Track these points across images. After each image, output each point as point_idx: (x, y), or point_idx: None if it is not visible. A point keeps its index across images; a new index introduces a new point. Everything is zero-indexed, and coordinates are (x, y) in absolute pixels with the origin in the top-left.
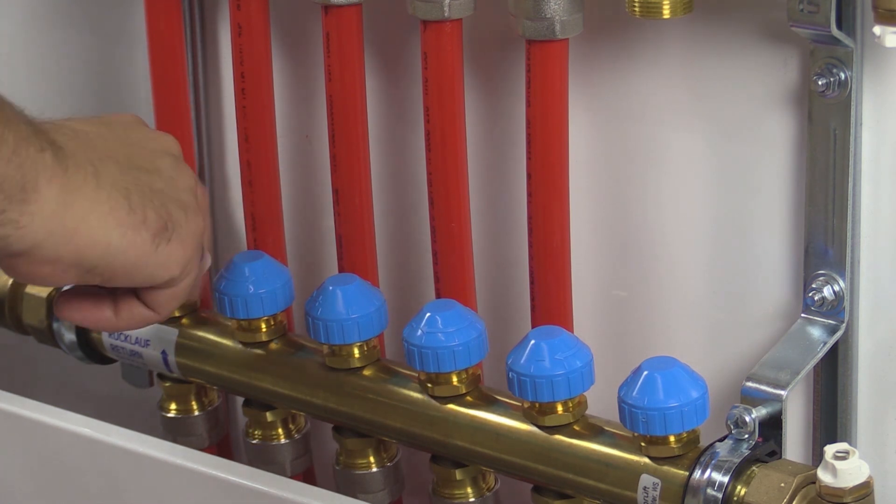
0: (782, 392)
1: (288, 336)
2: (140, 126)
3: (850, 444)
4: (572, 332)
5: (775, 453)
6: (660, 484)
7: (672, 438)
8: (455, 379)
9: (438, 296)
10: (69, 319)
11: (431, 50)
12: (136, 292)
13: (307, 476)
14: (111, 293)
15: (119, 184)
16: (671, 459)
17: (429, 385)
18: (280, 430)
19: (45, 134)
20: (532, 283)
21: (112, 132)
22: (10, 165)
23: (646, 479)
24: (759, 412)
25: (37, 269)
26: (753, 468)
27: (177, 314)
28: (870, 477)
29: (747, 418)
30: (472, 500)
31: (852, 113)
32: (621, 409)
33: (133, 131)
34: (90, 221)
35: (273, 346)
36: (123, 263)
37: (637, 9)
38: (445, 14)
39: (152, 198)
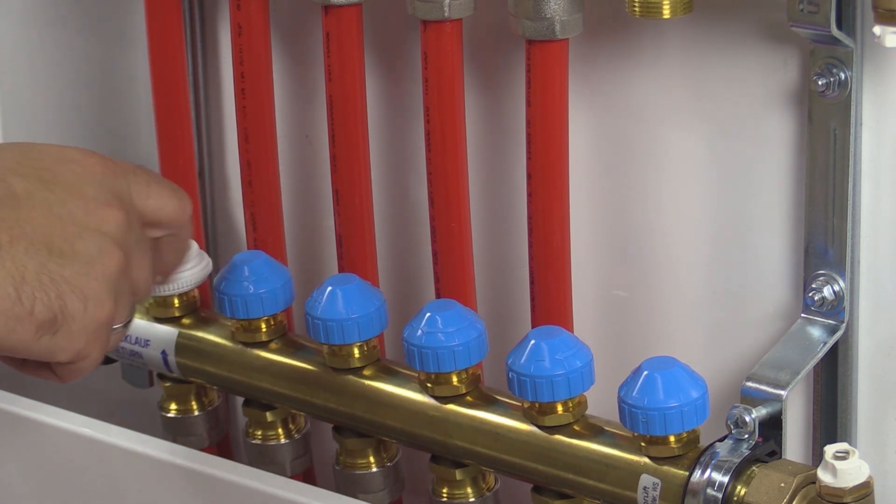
0: (782, 392)
1: (288, 336)
2: (89, 187)
3: (850, 444)
4: (572, 332)
5: (775, 453)
6: (660, 484)
7: (672, 438)
8: (455, 379)
9: (438, 296)
10: None
11: (431, 50)
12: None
13: (307, 476)
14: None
15: (17, 271)
16: (671, 459)
17: (429, 385)
18: (280, 430)
19: None
20: (532, 283)
21: (47, 197)
22: None
23: (646, 479)
24: (759, 412)
25: None
26: (753, 468)
27: (176, 314)
28: (870, 477)
29: (747, 418)
30: (472, 500)
31: (852, 113)
32: (621, 409)
33: (74, 199)
34: None
35: (273, 346)
36: (2, 348)
37: (637, 9)
38: (445, 14)
39: (50, 288)
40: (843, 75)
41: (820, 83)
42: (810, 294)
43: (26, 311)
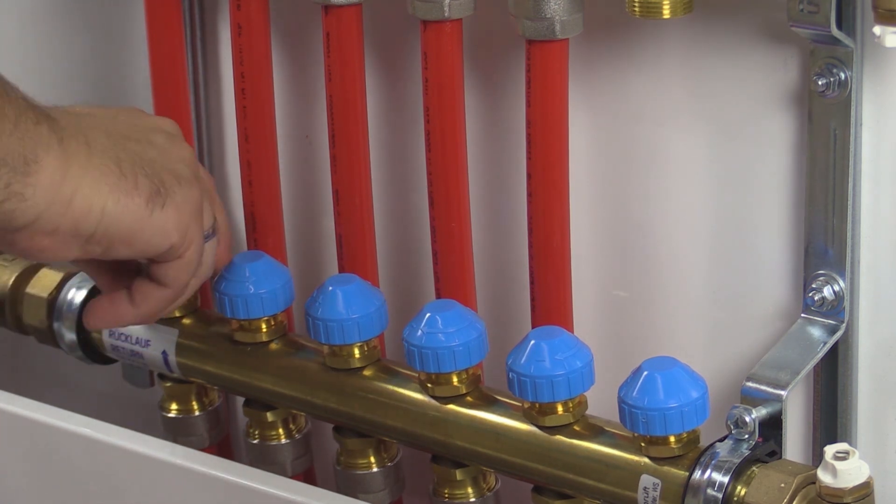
0: (782, 392)
1: (288, 336)
2: (137, 110)
3: (850, 444)
4: (572, 332)
5: (775, 453)
6: (660, 484)
7: (672, 439)
8: (455, 379)
9: (438, 296)
10: (96, 328)
11: (431, 50)
12: (147, 273)
13: (307, 476)
14: (126, 285)
15: (109, 152)
16: (671, 460)
17: (429, 385)
18: (280, 430)
19: (38, 108)
20: (532, 283)
21: (105, 112)
22: (13, 138)
23: (646, 480)
24: (759, 412)
25: (37, 242)
26: (753, 468)
27: (177, 314)
28: (870, 477)
29: (747, 418)
30: (472, 500)
31: (852, 113)
32: (621, 410)
33: (128, 113)
34: (84, 189)
35: (273, 346)
36: (119, 229)
37: (637, 9)
38: (445, 14)
39: (143, 165)
40: (843, 75)
41: (820, 83)
42: (810, 294)
43: (132, 185)
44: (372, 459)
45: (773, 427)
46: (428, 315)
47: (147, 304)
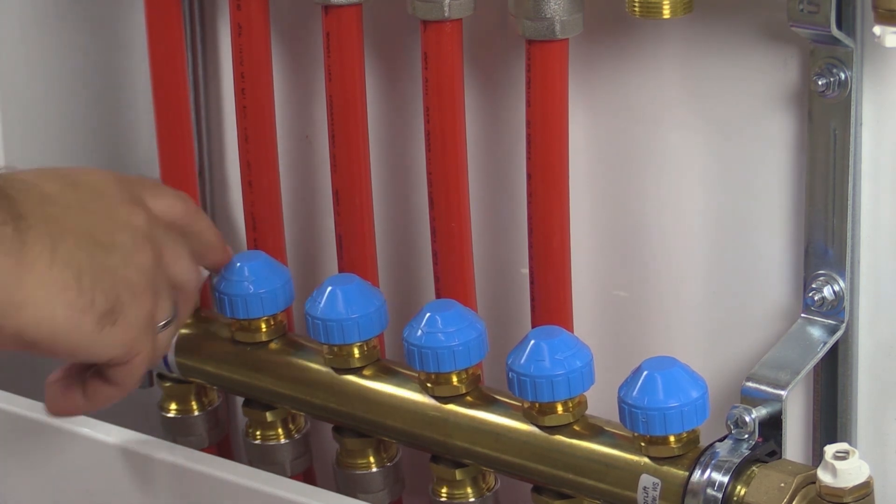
0: (782, 392)
1: (288, 336)
2: (109, 188)
3: (850, 444)
4: (572, 332)
5: (775, 453)
6: (660, 484)
7: (672, 438)
8: (455, 379)
9: (438, 296)
10: (53, 415)
11: (431, 50)
12: (99, 372)
13: (307, 476)
14: (80, 378)
15: (73, 262)
16: (671, 459)
17: (429, 385)
18: (280, 430)
19: (10, 204)
20: (532, 283)
21: (78, 197)
22: None
23: (646, 480)
24: (759, 412)
25: None
26: (753, 468)
27: None
28: (870, 477)
29: (747, 418)
30: (472, 500)
31: (852, 113)
32: (621, 409)
33: (99, 198)
34: (37, 301)
35: (273, 346)
36: (66, 343)
37: (637, 9)
38: (445, 14)
39: (103, 278)
40: (843, 75)
41: (820, 83)
42: (810, 294)
43: (88, 302)
44: (371, 459)
45: (773, 427)
46: (428, 315)
47: (97, 399)
